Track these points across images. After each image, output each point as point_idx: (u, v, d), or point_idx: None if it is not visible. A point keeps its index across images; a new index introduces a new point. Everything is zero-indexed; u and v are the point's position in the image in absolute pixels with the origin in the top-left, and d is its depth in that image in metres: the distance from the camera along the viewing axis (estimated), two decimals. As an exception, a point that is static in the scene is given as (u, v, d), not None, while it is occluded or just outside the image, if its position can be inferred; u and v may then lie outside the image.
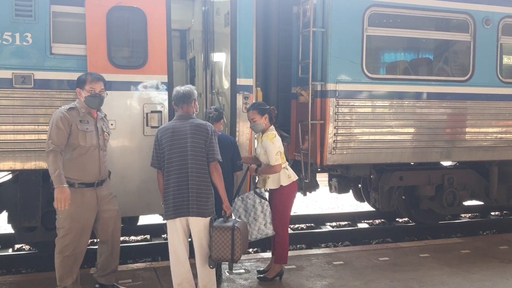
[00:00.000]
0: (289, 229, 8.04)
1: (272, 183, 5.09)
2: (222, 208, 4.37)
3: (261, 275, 5.27)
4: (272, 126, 5.16)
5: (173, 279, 4.35)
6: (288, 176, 5.12)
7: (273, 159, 4.96)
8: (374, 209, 8.51)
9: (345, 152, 6.36)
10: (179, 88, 4.38)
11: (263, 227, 4.96)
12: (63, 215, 4.28)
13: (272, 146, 4.95)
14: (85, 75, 4.52)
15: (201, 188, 4.17)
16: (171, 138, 4.20)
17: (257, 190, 5.06)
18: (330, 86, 6.22)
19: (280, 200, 5.13)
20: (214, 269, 4.37)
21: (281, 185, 5.07)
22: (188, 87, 4.38)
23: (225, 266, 5.58)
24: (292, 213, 8.64)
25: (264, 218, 4.97)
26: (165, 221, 4.38)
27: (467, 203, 8.07)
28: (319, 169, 6.96)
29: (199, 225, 4.20)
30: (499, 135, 7.07)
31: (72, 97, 5.14)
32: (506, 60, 7.44)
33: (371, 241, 7.74)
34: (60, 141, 4.20)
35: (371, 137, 6.45)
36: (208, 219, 4.22)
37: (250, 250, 7.11)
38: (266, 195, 5.15)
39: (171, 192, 4.17)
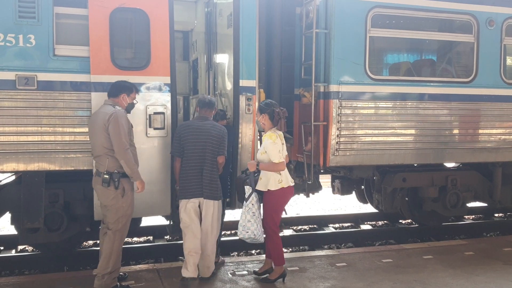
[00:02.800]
0: (291, 230, 8.12)
1: (261, 184, 5.03)
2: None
3: (264, 276, 5.25)
4: (274, 129, 5.04)
5: (184, 248, 5.06)
6: (278, 181, 4.97)
7: (275, 156, 4.90)
8: (377, 211, 8.49)
9: (348, 154, 6.35)
10: (205, 96, 5.62)
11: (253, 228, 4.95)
12: (126, 203, 4.74)
13: (272, 144, 4.91)
14: (131, 84, 4.94)
15: (213, 176, 5.03)
16: (193, 134, 5.00)
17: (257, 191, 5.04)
18: (333, 88, 6.22)
19: (267, 202, 5.07)
20: (216, 244, 5.17)
21: (268, 189, 4.98)
22: (213, 98, 5.47)
23: (227, 267, 5.59)
24: (294, 215, 8.56)
25: (255, 221, 4.96)
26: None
27: (471, 204, 8.04)
28: (322, 171, 6.95)
29: (209, 206, 5.03)
30: (503, 137, 7.05)
31: (74, 99, 5.18)
32: (510, 61, 7.42)
33: (374, 243, 7.72)
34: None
35: (374, 138, 6.44)
36: (216, 202, 5.06)
37: (253, 251, 7.11)
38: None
39: (189, 177, 4.99)
